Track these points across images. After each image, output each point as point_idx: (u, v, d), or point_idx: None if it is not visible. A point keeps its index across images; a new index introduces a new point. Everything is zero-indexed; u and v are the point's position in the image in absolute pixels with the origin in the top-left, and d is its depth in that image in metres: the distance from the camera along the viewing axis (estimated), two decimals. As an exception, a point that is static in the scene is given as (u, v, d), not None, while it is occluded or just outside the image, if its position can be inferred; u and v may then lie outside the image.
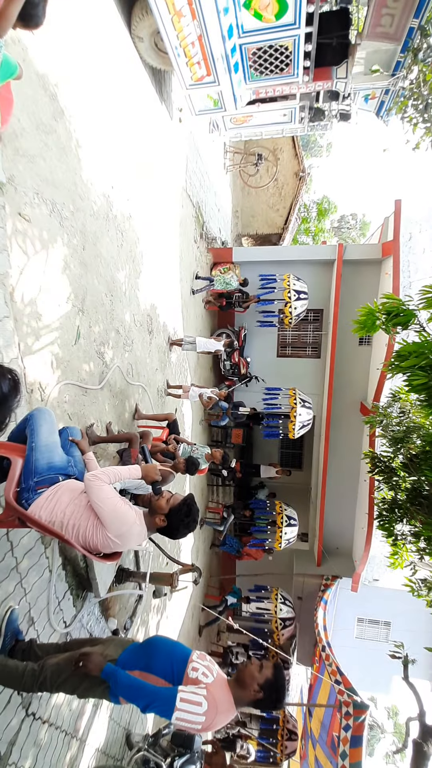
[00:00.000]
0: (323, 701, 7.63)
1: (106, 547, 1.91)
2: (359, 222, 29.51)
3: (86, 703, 3.59)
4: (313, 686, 8.81)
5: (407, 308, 3.57)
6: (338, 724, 6.71)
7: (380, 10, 4.46)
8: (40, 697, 2.84)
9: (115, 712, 4.19)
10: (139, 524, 1.95)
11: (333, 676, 7.55)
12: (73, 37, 3.43)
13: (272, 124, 6.41)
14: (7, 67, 1.67)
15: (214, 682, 1.96)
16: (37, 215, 2.91)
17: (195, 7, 4.04)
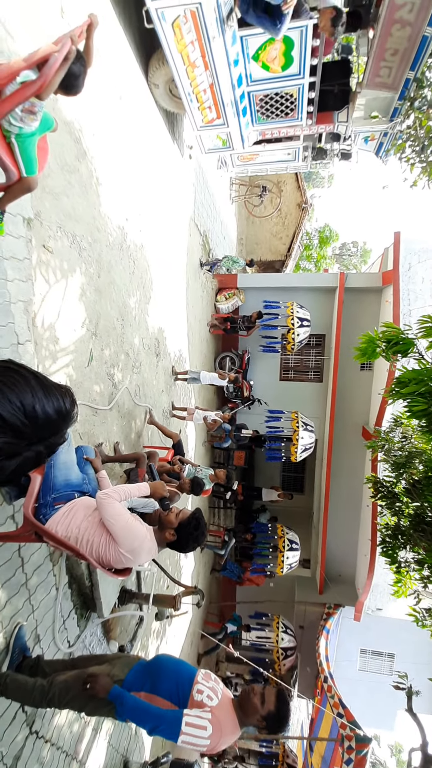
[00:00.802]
0: (325, 735, 7.38)
1: (118, 562, 1.99)
2: (360, 249, 30.28)
3: (86, 726, 3.56)
4: (314, 720, 8.51)
5: (406, 337, 3.72)
6: (340, 759, 6.49)
7: (379, 63, 4.82)
8: (43, 716, 2.84)
9: (113, 738, 4.12)
10: (149, 539, 2.03)
11: (335, 709, 7.32)
12: (96, 85, 3.74)
13: (277, 162, 6.78)
14: (46, 122, 1.88)
15: (219, 705, 1.99)
16: (59, 247, 3.11)
17: (208, 59, 4.39)
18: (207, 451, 9.12)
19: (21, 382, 0.73)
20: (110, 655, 2.34)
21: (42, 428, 0.73)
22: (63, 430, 0.79)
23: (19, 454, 0.72)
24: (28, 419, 0.70)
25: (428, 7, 4.12)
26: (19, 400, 0.70)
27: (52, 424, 0.75)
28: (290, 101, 5.21)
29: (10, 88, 1.51)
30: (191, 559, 7.83)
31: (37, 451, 0.74)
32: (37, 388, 0.74)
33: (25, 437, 0.71)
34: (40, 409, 0.72)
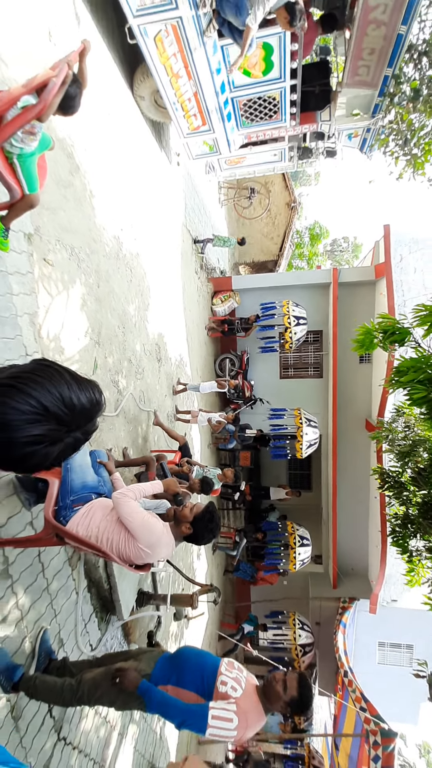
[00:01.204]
0: (349, 731, 7.36)
1: (138, 557, 2.06)
2: (351, 245, 30.47)
3: (112, 731, 3.60)
4: (338, 717, 8.49)
5: (402, 326, 3.80)
6: (367, 756, 6.45)
7: (357, 62, 4.94)
8: (70, 721, 2.90)
9: (139, 744, 4.15)
10: (167, 534, 2.11)
11: (357, 703, 7.32)
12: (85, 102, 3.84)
13: (264, 164, 6.90)
14: (44, 141, 1.97)
15: (244, 695, 2.05)
16: (59, 259, 3.20)
17: (191, 69, 4.51)
18: (212, 453, 9.18)
19: (57, 377, 0.81)
20: (135, 651, 2.40)
21: (79, 416, 0.81)
22: (95, 417, 0.87)
23: (61, 441, 0.80)
24: (67, 408, 0.78)
25: (401, 7, 4.24)
26: (58, 392, 0.78)
27: (86, 413, 0.83)
28: (273, 104, 5.33)
29: (11, 113, 1.60)
30: (204, 561, 7.88)
31: (75, 437, 0.82)
32: (71, 381, 0.82)
33: (65, 424, 0.79)
34: (76, 399, 0.81)
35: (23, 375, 0.78)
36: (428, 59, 5.03)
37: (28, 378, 0.77)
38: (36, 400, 0.74)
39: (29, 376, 0.78)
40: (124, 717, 3.80)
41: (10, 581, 2.36)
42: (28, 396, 0.74)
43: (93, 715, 3.22)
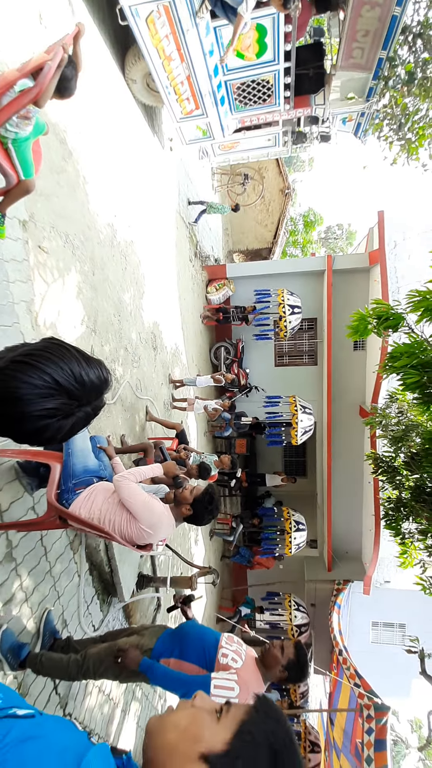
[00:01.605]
0: (344, 707, 7.62)
1: (140, 538, 2.12)
2: (345, 232, 30.32)
3: (116, 708, 3.72)
4: (333, 694, 8.76)
5: (396, 312, 3.85)
6: (361, 729, 6.69)
7: (351, 44, 4.88)
8: (75, 698, 2.99)
9: (141, 720, 4.29)
10: (167, 515, 2.17)
11: (352, 680, 7.56)
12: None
13: (258, 149, 6.84)
14: (38, 126, 1.96)
15: (244, 666, 2.13)
16: (54, 247, 3.19)
17: (183, 52, 4.44)
18: (209, 441, 9.26)
19: (68, 354, 0.84)
20: (137, 627, 2.49)
21: (89, 392, 0.85)
22: (104, 393, 0.91)
23: (73, 415, 0.83)
24: (77, 383, 0.82)
25: (396, -14, 4.19)
26: (69, 368, 0.81)
27: (96, 388, 0.87)
28: (267, 87, 5.26)
29: (6, 98, 1.59)
30: (201, 547, 8.01)
31: (86, 411, 0.86)
32: (80, 358, 0.86)
33: (76, 399, 0.83)
34: (86, 375, 0.84)
35: (35, 352, 0.81)
36: (423, 41, 5.00)
37: (40, 355, 0.81)
38: (49, 375, 0.78)
39: (41, 353, 0.81)
40: (127, 694, 3.92)
41: (14, 564, 2.41)
42: (41, 371, 0.78)
43: (97, 692, 3.33)
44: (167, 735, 0.66)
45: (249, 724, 0.65)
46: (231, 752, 0.62)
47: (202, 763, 0.61)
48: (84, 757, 0.58)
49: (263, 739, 0.64)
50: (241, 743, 0.63)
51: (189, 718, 0.69)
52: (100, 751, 0.63)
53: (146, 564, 4.55)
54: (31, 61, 1.61)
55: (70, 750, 0.59)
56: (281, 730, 0.66)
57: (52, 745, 0.59)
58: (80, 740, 0.65)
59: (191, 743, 0.64)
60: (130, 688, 4.02)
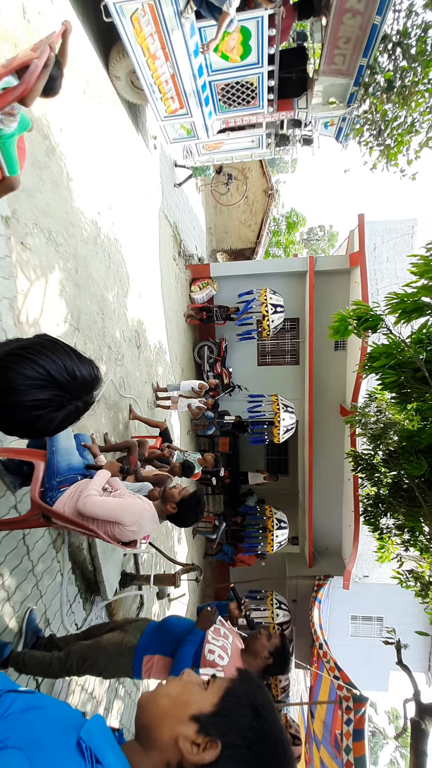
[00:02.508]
0: (324, 699, 7.78)
1: (123, 536, 2.14)
2: (327, 233, 30.78)
3: (98, 706, 3.72)
4: (313, 687, 8.93)
5: (375, 313, 3.96)
6: (340, 721, 6.85)
7: (333, 50, 4.98)
8: (57, 696, 2.98)
9: (125, 718, 4.29)
10: (149, 510, 2.19)
11: (331, 673, 7.73)
12: (59, 81, 3.75)
13: (242, 150, 6.89)
14: (23, 122, 1.95)
15: (230, 663, 2.17)
16: (37, 244, 3.17)
17: (168, 51, 4.44)
18: (192, 440, 9.28)
19: (61, 349, 0.87)
20: (121, 621, 2.50)
21: (80, 386, 0.87)
22: (94, 390, 0.94)
23: (64, 407, 0.86)
24: (70, 377, 0.84)
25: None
26: (62, 361, 0.84)
27: (87, 384, 0.89)
28: (251, 89, 5.32)
29: (-9, 94, 1.58)
30: (184, 545, 8.04)
31: (77, 405, 0.88)
32: (72, 355, 0.88)
33: (68, 392, 0.85)
34: (77, 371, 0.87)
35: (30, 346, 0.84)
36: (402, 50, 5.14)
37: (35, 349, 0.83)
38: (42, 368, 0.81)
39: (35, 347, 0.84)
40: (110, 693, 3.92)
41: (-4, 563, 2.40)
42: (35, 364, 0.80)
43: (80, 691, 3.32)
44: (160, 702, 0.73)
45: (233, 689, 0.73)
46: (219, 712, 0.69)
47: (193, 723, 0.68)
48: (84, 725, 0.63)
49: (246, 699, 0.71)
50: (227, 704, 0.70)
51: (179, 687, 0.75)
52: (97, 720, 0.67)
53: (129, 562, 4.55)
54: (16, 58, 1.61)
55: (70, 720, 0.64)
56: (261, 692, 0.74)
57: (53, 714, 0.63)
58: (77, 714, 0.69)
59: (182, 707, 0.70)
60: (113, 687, 4.03)
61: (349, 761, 6.52)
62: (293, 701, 10.85)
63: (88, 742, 0.61)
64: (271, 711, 0.71)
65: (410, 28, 5.19)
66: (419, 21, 5.30)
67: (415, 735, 5.09)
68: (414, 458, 4.76)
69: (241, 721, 0.68)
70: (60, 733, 0.60)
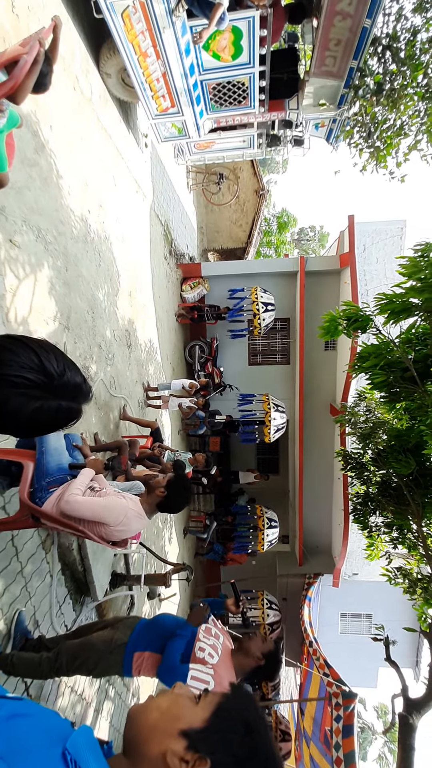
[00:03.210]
0: (314, 696, 7.84)
1: (111, 535, 2.13)
2: (318, 234, 30.99)
3: (88, 708, 3.70)
4: (303, 684, 8.99)
5: (365, 314, 4.00)
6: (329, 717, 6.91)
7: (324, 52, 5.01)
8: (47, 699, 2.96)
9: (115, 718, 4.28)
10: (133, 508, 2.17)
11: (321, 670, 7.79)
12: (49, 77, 3.71)
13: (233, 149, 6.89)
14: (12, 118, 1.93)
15: (220, 662, 2.18)
16: (26, 241, 3.13)
17: (159, 49, 4.42)
18: (183, 439, 9.27)
19: (58, 351, 0.86)
20: (111, 619, 2.49)
21: (65, 387, 0.85)
22: (79, 399, 0.90)
23: (42, 399, 0.82)
24: (58, 372, 0.83)
25: (366, 0, 4.33)
26: (54, 357, 0.83)
27: (74, 387, 0.87)
28: (242, 89, 5.32)
29: (-21, 89, 1.56)
30: (175, 545, 8.03)
31: (58, 404, 0.85)
32: (69, 361, 0.88)
33: (52, 384, 0.82)
34: (68, 371, 0.85)
35: (28, 338, 0.83)
36: (391, 53, 5.19)
37: (34, 340, 0.83)
38: (34, 353, 0.79)
39: (35, 340, 0.84)
40: (100, 693, 3.90)
41: (-16, 565, 2.37)
42: (30, 349, 0.79)
43: (69, 692, 3.30)
44: (149, 715, 0.71)
45: (225, 704, 0.71)
46: (209, 728, 0.67)
47: (182, 738, 0.66)
48: (70, 735, 0.62)
49: (238, 715, 0.69)
50: (218, 720, 0.68)
51: (170, 701, 0.73)
52: (84, 731, 0.66)
53: (120, 562, 4.53)
54: (5, 53, 1.59)
55: (57, 730, 0.62)
56: (253, 708, 0.72)
57: (39, 723, 0.62)
58: (65, 723, 0.68)
59: (172, 721, 0.68)
60: (103, 687, 4.01)
61: (339, 758, 6.57)
62: (284, 698, 10.92)
63: (73, 754, 0.59)
64: (262, 728, 0.69)
65: (399, 32, 5.25)
66: (408, 25, 5.37)
67: (403, 730, 5.16)
68: (402, 457, 4.82)
69: (232, 737, 0.66)
70: (45, 743, 0.59)
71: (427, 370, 4.01)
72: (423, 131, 5.26)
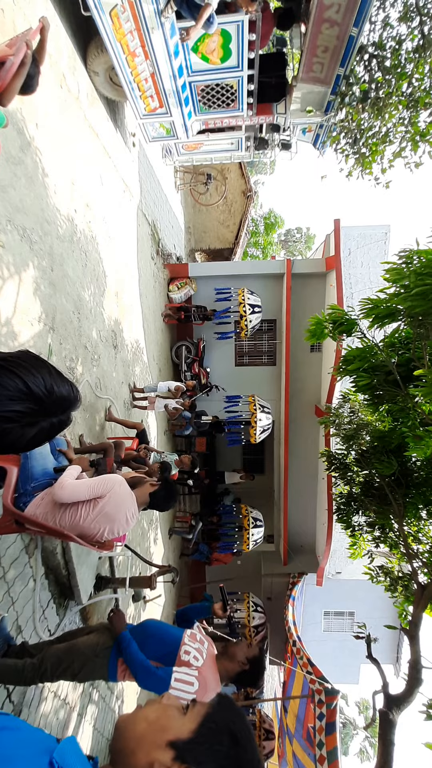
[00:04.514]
0: (297, 694, 7.93)
1: (99, 532, 2.11)
2: (304, 235, 31.29)
3: (72, 712, 3.67)
4: (286, 682, 9.08)
5: (350, 318, 4.06)
6: (312, 715, 6.99)
7: (312, 59, 5.06)
8: (29, 705, 2.92)
9: (98, 722, 4.25)
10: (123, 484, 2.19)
11: (304, 668, 7.88)
12: (35, 74, 3.65)
13: (221, 151, 6.90)
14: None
15: (204, 665, 2.20)
16: (10, 241, 3.08)
17: (148, 49, 4.40)
18: (169, 440, 9.25)
19: (41, 365, 0.85)
20: (96, 625, 2.48)
21: (57, 403, 0.85)
22: (70, 410, 0.92)
23: (38, 423, 0.84)
24: (47, 392, 0.83)
25: (353, 8, 4.40)
26: (41, 376, 0.83)
27: (64, 401, 0.87)
28: (231, 92, 5.34)
29: (-36, 89, 1.53)
30: (160, 546, 8.01)
31: (51, 423, 0.86)
32: (53, 372, 0.87)
33: (43, 408, 0.83)
34: (56, 387, 0.85)
35: (10, 358, 0.82)
36: (377, 62, 5.28)
37: (14, 361, 0.81)
38: (20, 380, 0.79)
39: (15, 360, 0.82)
40: (84, 698, 3.87)
41: (-34, 570, 2.33)
42: (14, 375, 0.78)
43: (52, 698, 3.26)
44: (137, 726, 0.71)
45: (212, 715, 0.71)
46: (196, 739, 0.68)
47: (170, 749, 0.66)
48: (56, 748, 0.62)
49: (225, 727, 0.70)
50: (205, 731, 0.69)
51: (158, 711, 0.74)
52: (71, 742, 0.67)
53: (105, 565, 4.50)
54: (-9, 53, 1.56)
55: (43, 742, 0.63)
56: (240, 720, 0.73)
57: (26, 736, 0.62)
58: (51, 738, 0.68)
59: (159, 732, 0.69)
60: (87, 692, 3.98)
61: (322, 756, 6.65)
62: (267, 697, 11.01)
63: (60, 763, 0.60)
64: (249, 740, 0.70)
65: (385, 41, 5.35)
66: (394, 33, 5.47)
67: (383, 725, 5.25)
68: (385, 458, 4.91)
69: (219, 749, 0.67)
70: (32, 753, 0.59)
71: (410, 374, 4.10)
72: (407, 139, 5.37)
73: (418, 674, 4.79)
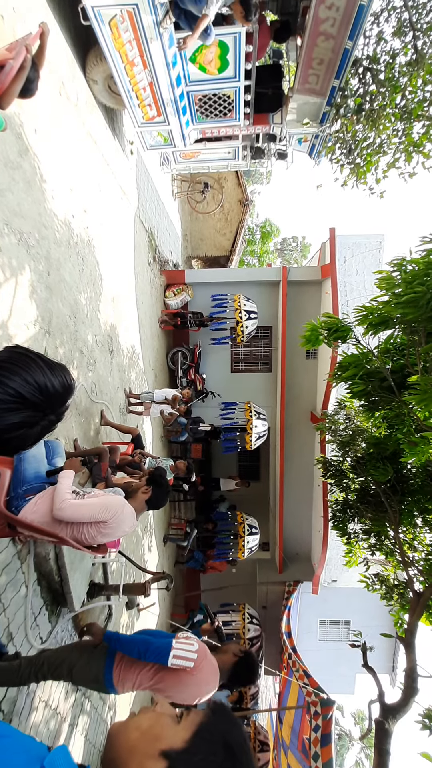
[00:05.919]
0: (292, 705, 7.82)
1: (100, 535, 2.11)
2: (300, 244, 31.59)
3: (63, 722, 3.60)
4: (282, 693, 8.96)
5: (345, 324, 4.10)
6: (308, 726, 6.89)
7: (307, 70, 5.16)
8: (20, 714, 2.87)
9: (90, 733, 4.17)
10: (129, 506, 2.19)
11: (301, 680, 7.79)
12: (34, 81, 3.69)
13: (218, 160, 6.98)
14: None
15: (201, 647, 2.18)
16: (7, 244, 3.09)
17: (146, 58, 4.47)
18: (164, 446, 9.21)
19: (32, 364, 0.85)
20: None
21: (53, 401, 0.86)
22: (68, 400, 0.93)
23: (38, 424, 0.84)
24: (42, 395, 0.83)
25: (348, 23, 4.50)
26: (34, 380, 0.82)
27: (60, 397, 0.88)
28: (228, 102, 5.42)
29: (-37, 92, 1.55)
30: (155, 553, 7.93)
31: (50, 419, 0.87)
32: (44, 367, 0.87)
33: (41, 410, 0.84)
34: (50, 385, 0.85)
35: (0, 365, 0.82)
36: (371, 75, 5.39)
37: (5, 368, 0.81)
38: (14, 390, 0.79)
39: (6, 366, 0.82)
40: (75, 708, 3.80)
41: (-43, 576, 2.29)
42: (6, 386, 0.78)
43: (43, 707, 3.20)
44: (129, 735, 0.69)
45: (206, 725, 0.69)
46: (190, 749, 0.66)
47: (162, 759, 0.65)
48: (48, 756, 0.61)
49: (219, 737, 0.68)
50: (199, 741, 0.67)
51: (151, 720, 0.72)
52: (62, 750, 0.65)
53: (98, 572, 4.45)
54: (-9, 58, 1.58)
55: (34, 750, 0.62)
56: (235, 730, 0.71)
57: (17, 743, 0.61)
58: (42, 746, 0.67)
59: (152, 742, 0.67)
60: (79, 702, 3.90)
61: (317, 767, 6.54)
62: (262, 708, 10.84)
63: None
64: (244, 751, 0.68)
65: (379, 54, 5.47)
66: (388, 47, 5.60)
67: (379, 735, 5.18)
68: (380, 464, 4.92)
69: (213, 760, 0.65)
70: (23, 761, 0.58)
71: (404, 380, 4.13)
72: (401, 150, 5.47)
73: (414, 683, 4.75)
